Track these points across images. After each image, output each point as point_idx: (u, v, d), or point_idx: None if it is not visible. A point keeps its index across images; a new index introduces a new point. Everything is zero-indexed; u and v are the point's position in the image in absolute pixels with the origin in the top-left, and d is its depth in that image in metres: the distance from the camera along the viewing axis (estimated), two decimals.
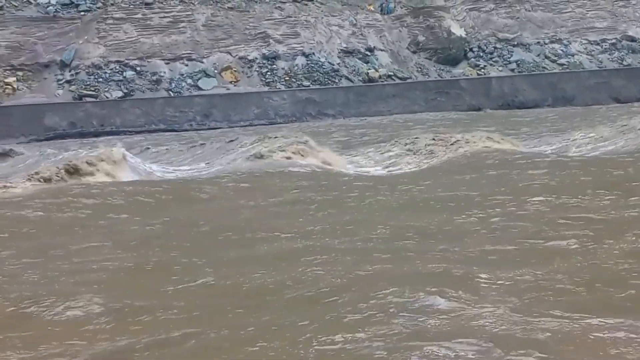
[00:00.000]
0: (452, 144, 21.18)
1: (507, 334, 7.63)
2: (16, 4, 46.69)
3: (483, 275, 9.21)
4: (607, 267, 9.51)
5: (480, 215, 12.69)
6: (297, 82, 46.79)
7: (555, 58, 50.51)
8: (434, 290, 8.69)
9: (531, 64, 50.08)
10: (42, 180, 19.07)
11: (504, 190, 14.73)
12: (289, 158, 21.68)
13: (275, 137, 23.90)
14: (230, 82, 46.39)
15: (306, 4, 50.54)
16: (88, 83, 44.60)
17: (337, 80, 47.35)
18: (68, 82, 44.65)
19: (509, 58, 50.45)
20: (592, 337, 7.56)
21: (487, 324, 7.88)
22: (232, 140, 25.44)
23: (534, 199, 13.59)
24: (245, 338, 7.49)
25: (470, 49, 50.81)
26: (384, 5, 51.96)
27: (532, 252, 10.35)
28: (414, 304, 8.33)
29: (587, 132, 23.02)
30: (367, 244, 11.11)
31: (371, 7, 51.85)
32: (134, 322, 8.06)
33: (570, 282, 9.03)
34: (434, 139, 22.19)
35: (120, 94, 44.63)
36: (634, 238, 10.50)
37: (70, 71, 45.06)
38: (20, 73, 44.64)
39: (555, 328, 7.75)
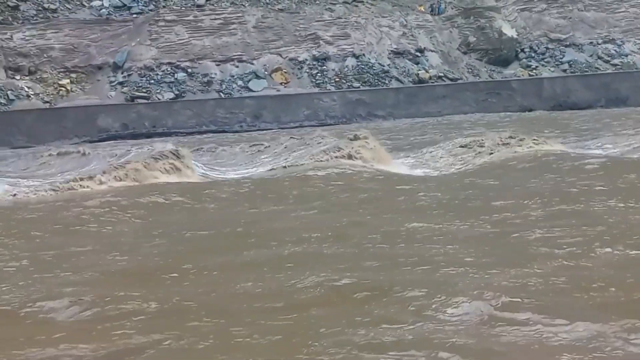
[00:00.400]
0: (481, 151, 21.16)
1: (466, 344, 7.58)
2: (70, 7, 47.53)
3: (460, 284, 9.13)
4: (586, 274, 9.39)
5: (479, 220, 12.60)
6: (347, 84, 46.85)
7: (609, 58, 49.76)
8: (405, 300, 8.66)
9: (584, 65, 49.45)
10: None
11: (515, 194, 14.63)
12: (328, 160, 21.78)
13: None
14: (281, 84, 46.60)
15: (356, 5, 50.56)
16: (140, 85, 45.20)
17: (387, 82, 47.30)
18: (120, 83, 45.30)
19: (561, 59, 49.88)
20: (550, 345, 7.50)
21: (450, 333, 7.82)
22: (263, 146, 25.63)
23: (539, 203, 13.48)
24: (200, 349, 7.51)
25: (522, 50, 50.38)
26: (434, 6, 51.75)
27: (518, 257, 10.23)
28: (382, 315, 8.28)
29: (611, 139, 22.79)
30: (356, 249, 11.08)
31: (422, 8, 51.68)
32: (100, 329, 8.12)
33: (544, 289, 8.92)
34: (466, 145, 22.18)
35: (171, 95, 45.16)
36: (621, 247, 10.33)
37: (122, 73, 45.70)
38: (73, 75, 45.44)
39: (516, 337, 7.68)
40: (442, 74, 48.03)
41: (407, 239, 11.60)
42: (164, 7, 48.40)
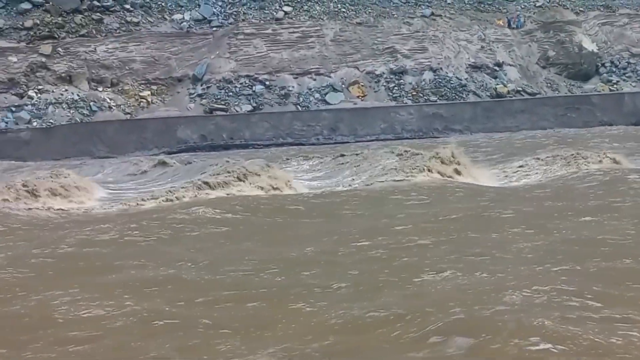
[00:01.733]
0: (546, 168, 21.17)
1: None
2: (152, 20, 48.40)
3: (293, 316, 8.81)
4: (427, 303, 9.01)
5: (383, 243, 12.56)
6: (424, 97, 46.77)
7: None
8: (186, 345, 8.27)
9: None
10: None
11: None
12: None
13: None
14: (358, 97, 46.75)
15: (434, 19, 50.48)
16: (219, 97, 45.78)
17: (464, 96, 47.10)
18: (199, 96, 45.96)
19: None
20: None
21: None
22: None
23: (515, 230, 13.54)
24: None
25: (603, 64, 49.73)
26: (512, 20, 51.36)
27: (377, 285, 10.00)
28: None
29: None
30: (214, 277, 10.81)
31: (500, 22, 51.33)
32: None
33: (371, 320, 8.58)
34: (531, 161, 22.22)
35: (249, 107, 45.61)
36: (471, 274, 10.06)
37: (202, 85, 46.35)
38: (154, 87, 46.23)
39: None
40: (520, 89, 47.67)
41: (280, 266, 11.34)
42: (243, 20, 48.96)
